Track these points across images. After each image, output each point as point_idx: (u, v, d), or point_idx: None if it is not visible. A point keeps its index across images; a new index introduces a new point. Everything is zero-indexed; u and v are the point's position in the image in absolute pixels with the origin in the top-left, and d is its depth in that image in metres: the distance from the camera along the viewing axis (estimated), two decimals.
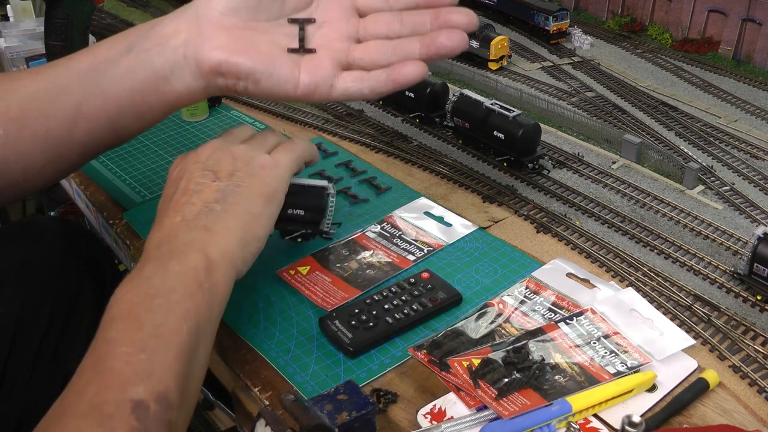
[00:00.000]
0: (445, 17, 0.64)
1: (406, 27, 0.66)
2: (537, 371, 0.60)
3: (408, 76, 0.64)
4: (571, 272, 0.74)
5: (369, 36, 0.67)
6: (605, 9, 1.51)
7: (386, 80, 0.64)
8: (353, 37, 0.67)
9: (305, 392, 0.61)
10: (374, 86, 0.65)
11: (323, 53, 0.65)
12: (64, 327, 0.78)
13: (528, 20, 1.45)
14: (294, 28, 0.67)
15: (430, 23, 0.64)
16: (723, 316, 0.72)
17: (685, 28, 1.36)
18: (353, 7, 0.68)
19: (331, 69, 0.65)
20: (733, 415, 0.59)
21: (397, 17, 0.66)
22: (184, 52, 0.64)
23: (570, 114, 1.11)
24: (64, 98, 0.64)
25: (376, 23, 0.67)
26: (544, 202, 0.91)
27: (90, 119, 0.65)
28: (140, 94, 0.65)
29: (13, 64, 1.28)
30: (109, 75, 0.64)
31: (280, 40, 0.66)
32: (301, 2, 0.67)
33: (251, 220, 0.62)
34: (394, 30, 0.66)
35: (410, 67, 0.63)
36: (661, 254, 0.82)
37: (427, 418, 0.58)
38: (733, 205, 0.91)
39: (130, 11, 1.65)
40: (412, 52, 0.64)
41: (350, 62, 0.66)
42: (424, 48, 0.64)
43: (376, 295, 0.70)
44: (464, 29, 0.64)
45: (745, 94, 1.21)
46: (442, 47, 0.63)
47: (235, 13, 0.64)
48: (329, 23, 0.67)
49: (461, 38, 0.63)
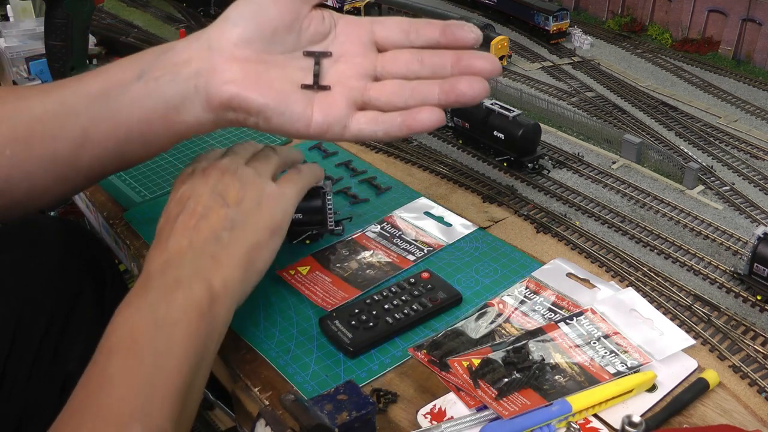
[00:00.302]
0: (467, 62, 0.62)
1: (425, 68, 0.63)
2: (537, 371, 0.60)
3: (423, 123, 0.62)
4: (571, 272, 0.74)
5: (387, 74, 0.64)
6: (605, 9, 1.51)
7: (401, 125, 0.62)
8: (370, 74, 0.64)
9: (305, 392, 0.61)
10: (388, 130, 0.63)
11: (338, 91, 0.63)
12: (64, 327, 0.78)
13: (528, 20, 1.45)
14: (309, 61, 0.64)
15: (450, 66, 0.62)
16: (723, 316, 0.73)
17: (685, 28, 1.36)
18: (372, 41, 0.65)
19: (345, 109, 0.63)
20: (733, 415, 0.59)
21: (417, 56, 0.64)
22: (195, 84, 0.62)
23: (570, 114, 1.11)
24: (72, 121, 0.63)
25: (395, 62, 0.64)
26: (544, 202, 0.91)
27: (97, 144, 0.63)
28: (149, 122, 0.63)
29: (13, 64, 1.28)
30: (118, 101, 0.63)
31: (294, 75, 0.63)
32: (318, 34, 0.65)
33: (255, 251, 0.61)
34: (413, 70, 0.64)
35: (426, 114, 0.61)
36: (661, 254, 0.82)
37: (427, 418, 0.58)
38: (733, 205, 0.91)
39: (130, 11, 1.65)
40: (430, 97, 0.62)
41: (365, 102, 0.64)
42: (443, 94, 0.61)
43: (376, 295, 0.70)
44: (486, 76, 0.61)
45: (745, 94, 1.21)
46: (461, 95, 0.61)
47: (249, 44, 0.62)
48: (346, 57, 0.65)
49: (482, 87, 0.61)
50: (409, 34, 0.64)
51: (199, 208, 0.60)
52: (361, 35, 0.65)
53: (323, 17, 0.65)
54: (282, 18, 0.62)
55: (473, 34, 0.63)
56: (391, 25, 0.65)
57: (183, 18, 1.60)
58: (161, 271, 0.56)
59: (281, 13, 0.62)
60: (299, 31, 0.64)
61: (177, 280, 0.55)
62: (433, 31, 0.64)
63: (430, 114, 0.61)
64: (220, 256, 0.58)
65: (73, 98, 0.63)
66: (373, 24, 0.66)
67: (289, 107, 0.62)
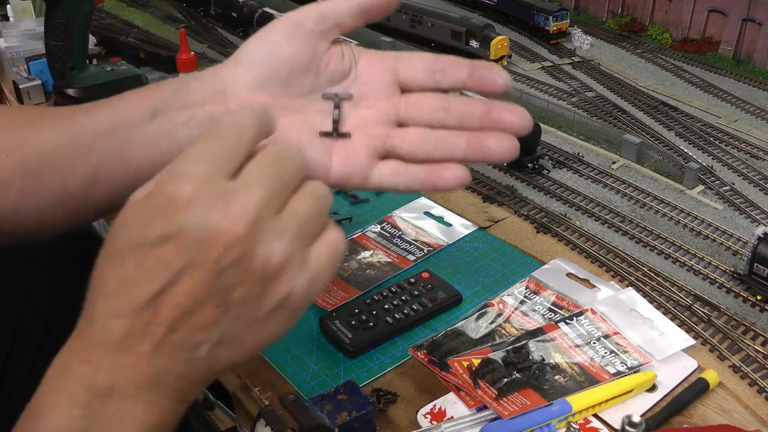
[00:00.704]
0: (496, 115, 0.57)
1: (452, 117, 0.59)
2: (537, 371, 0.60)
3: (447, 182, 0.58)
4: (571, 272, 0.74)
5: (410, 120, 0.60)
6: (605, 9, 1.51)
7: (423, 181, 0.59)
8: (393, 119, 0.60)
9: (305, 392, 0.61)
10: (410, 184, 0.59)
11: (359, 139, 0.59)
12: (64, 327, 0.78)
13: (528, 20, 1.45)
14: (328, 104, 0.59)
15: (479, 118, 0.58)
16: (723, 316, 0.73)
17: (685, 28, 1.36)
18: (395, 81, 0.61)
19: (366, 159, 0.59)
20: (733, 415, 0.59)
21: (444, 102, 0.60)
22: None
23: (570, 114, 1.11)
24: (84, 158, 0.60)
25: (420, 108, 0.60)
26: (544, 202, 0.91)
27: (109, 182, 0.60)
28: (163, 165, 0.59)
29: (13, 64, 1.28)
30: (131, 140, 0.60)
31: (312, 119, 0.59)
32: (338, 73, 0.60)
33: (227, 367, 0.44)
34: (438, 118, 0.59)
35: (451, 172, 0.58)
36: (661, 254, 0.82)
37: (427, 418, 0.58)
38: (733, 205, 0.91)
39: (130, 11, 1.65)
40: (456, 152, 0.58)
41: (388, 150, 0.60)
42: (470, 150, 0.57)
43: (376, 295, 0.70)
44: (516, 133, 0.57)
45: (745, 94, 1.21)
46: (489, 153, 0.57)
47: (264, 89, 0.58)
48: (368, 101, 0.60)
49: (512, 146, 0.56)
50: (434, 75, 0.60)
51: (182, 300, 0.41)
52: (383, 75, 0.61)
53: (343, 54, 0.60)
54: (298, 58, 0.58)
55: (502, 81, 0.59)
56: (415, 63, 0.61)
57: (183, 18, 1.60)
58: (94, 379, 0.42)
59: (297, 52, 0.58)
60: (317, 71, 0.59)
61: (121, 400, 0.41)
62: (460, 72, 0.59)
63: (455, 172, 0.58)
64: (180, 383, 0.42)
65: (85, 133, 0.61)
66: (397, 61, 0.61)
67: (306, 157, 0.60)
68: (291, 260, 0.43)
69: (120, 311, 0.41)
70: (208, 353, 0.42)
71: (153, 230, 0.41)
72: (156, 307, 0.41)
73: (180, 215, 0.41)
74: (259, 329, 0.44)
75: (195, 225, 0.40)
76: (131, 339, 0.41)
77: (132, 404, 0.41)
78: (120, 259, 0.42)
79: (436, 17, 3.16)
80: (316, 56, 0.59)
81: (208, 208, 0.41)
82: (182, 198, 0.41)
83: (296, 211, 0.44)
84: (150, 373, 0.41)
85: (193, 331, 0.41)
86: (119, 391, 0.41)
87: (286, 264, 0.43)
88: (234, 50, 0.63)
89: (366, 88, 0.60)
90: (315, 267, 0.44)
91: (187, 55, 1.08)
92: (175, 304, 0.41)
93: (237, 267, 0.41)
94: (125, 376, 0.41)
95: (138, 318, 0.41)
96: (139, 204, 0.44)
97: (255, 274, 0.42)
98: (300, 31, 0.58)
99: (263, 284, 0.42)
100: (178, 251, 0.40)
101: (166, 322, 0.41)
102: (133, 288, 0.41)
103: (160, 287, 0.40)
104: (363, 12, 0.59)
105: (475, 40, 1.28)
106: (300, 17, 0.58)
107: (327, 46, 0.59)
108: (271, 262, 0.42)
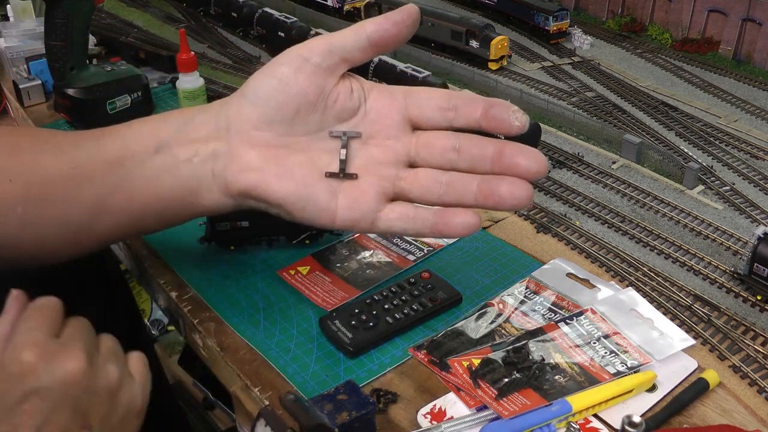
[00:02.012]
0: (509, 160, 0.56)
1: (463, 159, 0.57)
2: (537, 371, 0.60)
3: (457, 229, 0.57)
4: (571, 272, 0.74)
5: (421, 161, 0.58)
6: (605, 9, 1.51)
7: (432, 228, 0.57)
8: (402, 160, 0.58)
9: (305, 392, 0.61)
10: (419, 230, 0.58)
11: (367, 181, 0.57)
12: None
13: (528, 20, 1.45)
14: (336, 142, 0.57)
15: (491, 161, 0.56)
16: (723, 316, 0.73)
17: (685, 28, 1.36)
18: (405, 118, 0.58)
19: (374, 202, 0.57)
20: (733, 415, 0.59)
21: (455, 143, 0.57)
22: (212, 168, 0.58)
23: (570, 114, 1.11)
24: (87, 188, 0.60)
25: (431, 149, 0.58)
26: (544, 202, 0.91)
27: (112, 214, 0.60)
28: (165, 201, 0.60)
29: (13, 64, 1.28)
30: (135, 174, 0.59)
31: (319, 159, 0.57)
32: (346, 110, 0.58)
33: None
34: (449, 160, 0.57)
35: (461, 219, 0.56)
36: (661, 254, 0.82)
37: (427, 418, 0.58)
38: (733, 205, 0.91)
39: (130, 11, 1.66)
40: (467, 196, 0.56)
41: (397, 192, 0.58)
42: (481, 196, 0.56)
43: (376, 295, 0.70)
44: (530, 179, 0.56)
45: (745, 94, 1.21)
46: (501, 201, 0.55)
47: (270, 127, 0.57)
48: (377, 140, 0.58)
49: (526, 193, 0.54)
50: (446, 113, 0.58)
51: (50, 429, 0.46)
52: (393, 112, 0.58)
53: (351, 90, 0.58)
54: (305, 95, 0.56)
55: (518, 123, 0.57)
56: (427, 101, 0.58)
57: (183, 18, 1.60)
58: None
59: (304, 89, 0.56)
60: (324, 108, 0.57)
61: None
62: (474, 111, 0.57)
63: (465, 218, 0.56)
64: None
65: (90, 163, 0.60)
66: (408, 98, 0.59)
67: (311, 199, 0.57)
68: (123, 375, 0.52)
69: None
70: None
71: (15, 393, 0.47)
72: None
73: (34, 375, 0.47)
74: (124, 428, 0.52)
75: (48, 376, 0.48)
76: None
77: None
78: None
79: (436, 17, 3.17)
80: (323, 93, 0.57)
81: (53, 360, 0.49)
82: (29, 363, 0.48)
83: (108, 345, 0.54)
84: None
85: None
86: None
87: (121, 378, 0.52)
88: (234, 50, 0.62)
89: (375, 126, 0.58)
90: (140, 375, 0.54)
91: (187, 55, 1.08)
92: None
93: (88, 391, 0.49)
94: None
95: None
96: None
97: (103, 391, 0.50)
98: (307, 66, 0.56)
99: (111, 396, 0.51)
100: (42, 400, 0.47)
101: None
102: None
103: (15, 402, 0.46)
104: (372, 45, 0.57)
105: (475, 40, 1.28)
106: (307, 52, 0.56)
107: (335, 81, 0.57)
108: (111, 378, 0.51)
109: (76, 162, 0.60)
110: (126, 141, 0.60)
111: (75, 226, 0.61)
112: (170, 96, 1.23)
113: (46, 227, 0.60)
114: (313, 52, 0.56)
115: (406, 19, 0.56)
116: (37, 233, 0.60)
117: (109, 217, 0.60)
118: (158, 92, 1.24)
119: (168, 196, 0.60)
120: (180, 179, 0.59)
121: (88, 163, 0.60)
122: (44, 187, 0.60)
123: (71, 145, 0.62)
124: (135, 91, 1.12)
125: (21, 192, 0.59)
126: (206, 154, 0.58)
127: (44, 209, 0.60)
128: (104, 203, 0.60)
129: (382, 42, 0.57)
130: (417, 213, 0.58)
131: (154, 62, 1.35)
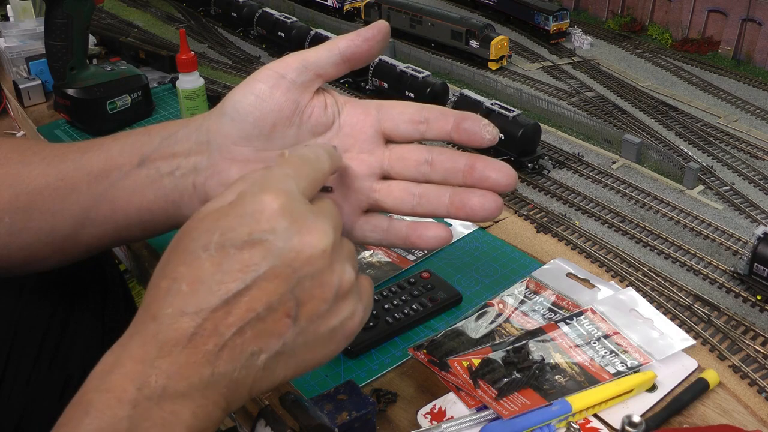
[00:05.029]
0: (481, 173, 0.57)
1: (436, 172, 0.59)
2: (537, 371, 0.60)
3: (429, 242, 0.59)
4: (571, 272, 0.74)
5: (395, 174, 0.60)
6: (605, 9, 1.51)
7: (405, 240, 0.59)
8: (376, 172, 0.60)
9: (305, 392, 0.61)
10: (393, 242, 0.60)
11: (341, 194, 0.59)
12: (64, 327, 0.78)
13: (528, 20, 1.45)
14: None
15: (463, 174, 0.58)
16: (723, 316, 0.73)
17: (685, 28, 1.36)
18: (379, 132, 0.60)
19: (348, 215, 0.59)
20: (733, 415, 0.59)
21: (428, 156, 0.59)
22: (193, 181, 0.59)
23: (570, 114, 1.11)
24: (73, 199, 0.61)
25: (404, 162, 0.60)
26: (544, 202, 0.91)
27: (97, 224, 0.62)
28: (149, 212, 0.61)
29: (13, 64, 1.28)
30: (118, 186, 0.61)
31: None
32: (320, 125, 0.59)
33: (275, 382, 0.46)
34: (422, 172, 0.59)
35: (433, 232, 0.59)
36: (661, 254, 0.82)
37: (427, 418, 0.58)
38: (733, 205, 0.91)
39: (130, 11, 1.66)
40: (439, 208, 0.58)
41: (371, 204, 0.60)
42: (453, 207, 0.58)
43: (376, 295, 0.70)
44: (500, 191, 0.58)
45: (745, 94, 1.21)
46: (472, 213, 0.57)
47: (248, 142, 0.58)
48: (351, 153, 0.60)
49: (495, 206, 0.57)
50: (418, 126, 0.60)
51: (257, 305, 0.42)
52: (366, 126, 0.60)
53: (326, 105, 0.59)
54: (281, 110, 0.58)
55: (489, 135, 0.58)
56: (399, 114, 0.60)
57: (183, 18, 1.60)
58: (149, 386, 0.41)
59: (280, 104, 0.57)
60: (299, 123, 0.58)
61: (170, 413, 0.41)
62: (445, 125, 0.59)
63: (437, 232, 0.59)
64: (231, 390, 0.43)
65: (75, 174, 0.62)
66: (380, 112, 0.60)
67: None
68: (354, 286, 0.48)
69: (192, 309, 0.42)
70: (266, 363, 0.44)
71: (239, 235, 0.43)
72: (229, 308, 0.42)
73: (268, 224, 0.43)
74: (316, 347, 0.46)
75: (282, 235, 0.43)
76: (198, 337, 0.42)
77: (181, 406, 0.42)
78: (196, 261, 0.44)
79: (436, 17, 3.16)
80: (298, 108, 0.58)
81: (296, 223, 0.44)
82: (271, 209, 0.44)
83: (351, 246, 0.49)
84: (205, 375, 0.42)
85: (259, 338, 0.43)
86: (170, 392, 0.41)
87: (353, 287, 0.47)
88: (234, 50, 0.63)
89: (349, 140, 0.60)
90: (367, 298, 0.50)
91: (187, 55, 1.08)
92: (249, 307, 0.42)
93: (314, 280, 0.44)
94: (180, 375, 0.42)
95: (210, 317, 0.42)
96: (219, 211, 0.46)
97: (329, 289, 0.45)
98: (282, 82, 0.57)
99: (333, 301, 0.46)
100: (262, 256, 0.43)
101: (236, 323, 0.42)
102: (209, 288, 0.42)
103: (238, 289, 0.42)
104: (345, 60, 0.59)
105: (475, 40, 1.28)
106: (282, 68, 0.58)
107: (309, 96, 0.59)
108: (344, 280, 0.46)
109: (63, 174, 0.62)
110: (111, 154, 0.62)
111: (61, 236, 0.62)
112: (170, 96, 1.23)
113: (32, 237, 0.62)
114: (288, 69, 0.58)
115: (376, 35, 0.58)
116: (23, 242, 0.62)
117: (93, 227, 0.62)
118: (158, 92, 1.24)
119: (151, 207, 0.61)
120: (162, 191, 0.60)
121: (74, 175, 0.61)
122: (31, 198, 0.61)
123: (59, 158, 0.63)
124: (135, 91, 1.13)
125: (8, 202, 0.61)
126: (187, 167, 0.60)
127: (31, 219, 0.61)
128: (89, 214, 0.61)
129: (354, 57, 0.58)
130: (391, 225, 0.59)
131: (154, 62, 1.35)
